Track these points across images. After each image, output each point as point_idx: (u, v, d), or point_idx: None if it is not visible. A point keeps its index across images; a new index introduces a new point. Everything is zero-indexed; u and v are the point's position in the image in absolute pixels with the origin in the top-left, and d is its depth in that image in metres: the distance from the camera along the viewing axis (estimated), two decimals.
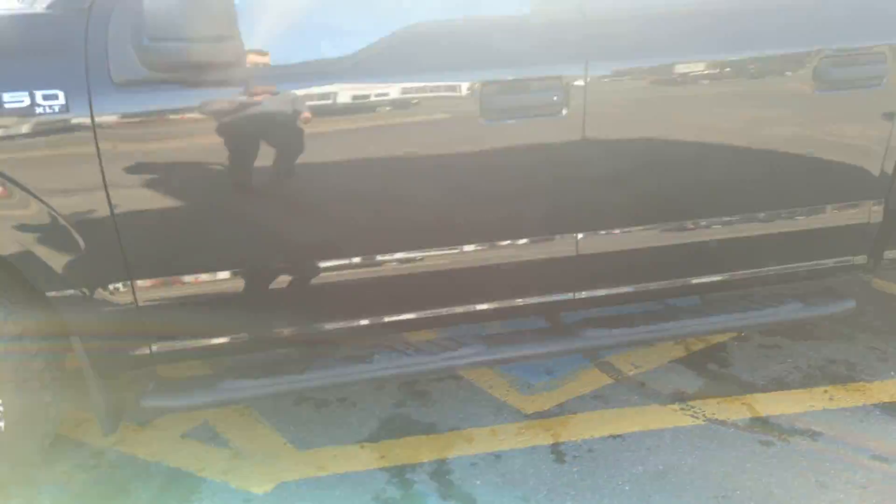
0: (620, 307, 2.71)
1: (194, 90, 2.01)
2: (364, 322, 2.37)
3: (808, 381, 2.99)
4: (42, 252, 2.06)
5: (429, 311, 2.41)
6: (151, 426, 2.77)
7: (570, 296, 2.51)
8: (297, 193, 2.19)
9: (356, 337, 2.47)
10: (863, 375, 3.01)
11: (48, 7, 2.00)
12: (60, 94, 1.94)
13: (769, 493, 2.39)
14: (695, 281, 2.64)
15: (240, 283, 2.25)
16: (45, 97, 1.94)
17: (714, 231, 2.55)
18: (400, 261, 2.33)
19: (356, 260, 2.30)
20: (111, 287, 2.14)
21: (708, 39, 2.37)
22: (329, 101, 2.12)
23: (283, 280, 2.29)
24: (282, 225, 2.24)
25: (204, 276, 2.21)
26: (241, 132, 2.10)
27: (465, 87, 2.17)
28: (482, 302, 2.47)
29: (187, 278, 2.21)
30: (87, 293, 2.13)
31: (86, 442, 2.68)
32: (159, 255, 2.17)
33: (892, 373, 3.02)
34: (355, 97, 2.13)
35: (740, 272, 2.67)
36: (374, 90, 2.13)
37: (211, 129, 2.07)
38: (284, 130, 2.13)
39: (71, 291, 2.11)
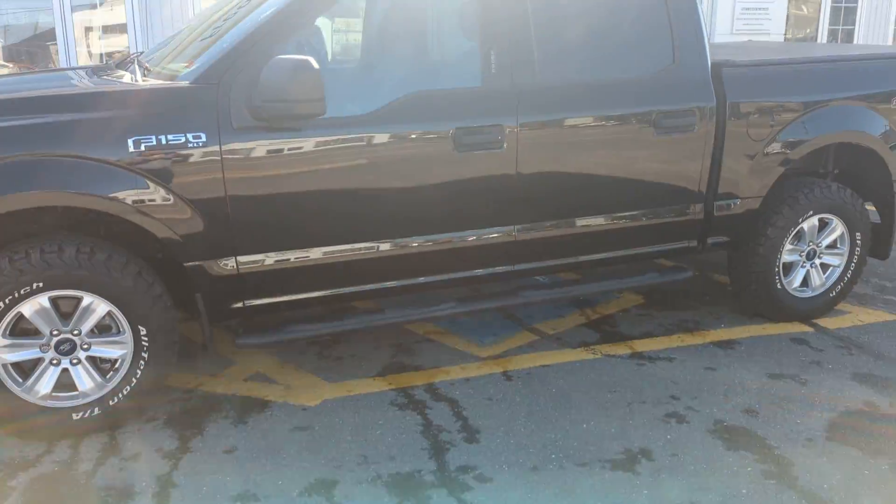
0: (543, 276, 4.07)
1: (287, 132, 3.26)
2: (394, 283, 3.63)
3: (668, 332, 4.41)
4: (183, 236, 3.22)
5: (435, 277, 3.70)
6: (219, 375, 3.88)
7: (510, 267, 3.85)
8: (350, 199, 3.42)
9: (392, 294, 3.69)
10: (703, 328, 4.46)
11: (192, 83, 3.23)
12: (203, 135, 3.16)
13: (640, 387, 3.75)
14: (590, 257, 4.02)
15: (307, 261, 3.45)
16: (194, 137, 3.15)
17: (601, 225, 3.94)
18: (417, 243, 3.60)
19: (387, 242, 3.54)
20: (223, 261, 3.32)
21: (592, 102, 3.79)
22: (370, 140, 3.40)
23: (342, 255, 3.48)
24: (335, 220, 3.45)
25: (285, 255, 3.40)
26: (318, 159, 3.33)
27: (444, 130, 3.50)
28: (456, 271, 3.77)
29: (274, 255, 3.39)
30: (208, 264, 3.30)
31: (174, 387, 3.76)
32: (255, 239, 3.35)
33: (722, 325, 4.48)
34: (381, 137, 3.43)
35: (618, 252, 4.08)
36: (391, 132, 3.43)
37: (297, 158, 3.30)
38: (345, 158, 3.37)
39: (199, 262, 3.28)
